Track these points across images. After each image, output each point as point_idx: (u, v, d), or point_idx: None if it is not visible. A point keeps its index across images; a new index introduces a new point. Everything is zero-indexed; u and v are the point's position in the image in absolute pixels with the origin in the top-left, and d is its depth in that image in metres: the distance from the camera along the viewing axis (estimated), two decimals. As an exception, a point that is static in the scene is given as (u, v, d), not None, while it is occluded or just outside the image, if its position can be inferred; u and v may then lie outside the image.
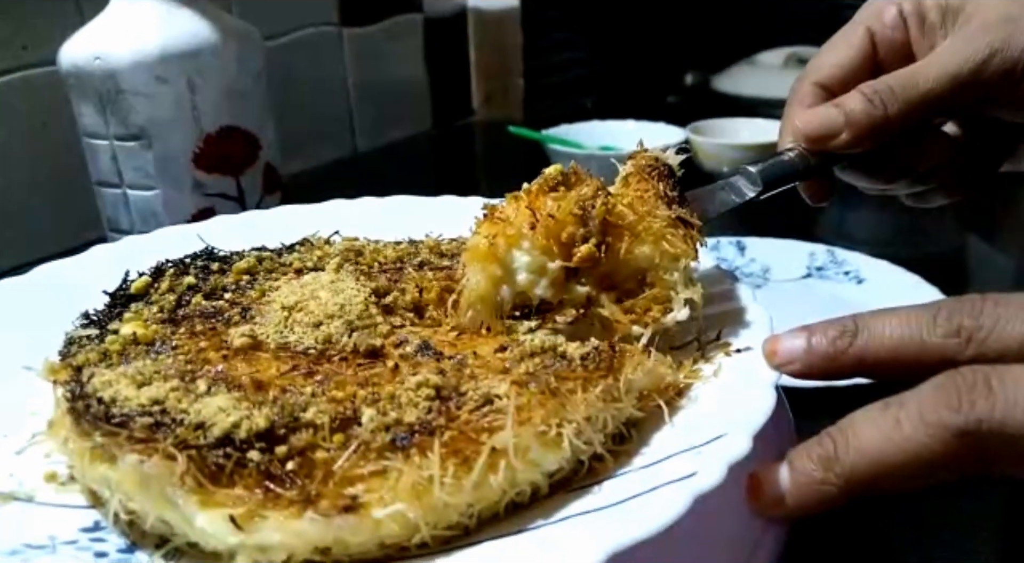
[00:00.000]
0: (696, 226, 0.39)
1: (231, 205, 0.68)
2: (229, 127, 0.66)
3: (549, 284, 0.37)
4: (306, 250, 0.46)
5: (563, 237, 0.36)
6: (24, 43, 0.80)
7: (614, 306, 0.37)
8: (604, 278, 0.38)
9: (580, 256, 0.36)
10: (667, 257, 0.37)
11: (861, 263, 0.76)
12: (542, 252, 0.36)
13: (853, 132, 0.42)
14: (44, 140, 0.81)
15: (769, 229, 0.81)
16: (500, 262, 0.37)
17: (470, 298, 0.37)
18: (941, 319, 0.31)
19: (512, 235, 0.37)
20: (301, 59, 1.11)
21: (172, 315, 0.37)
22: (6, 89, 0.79)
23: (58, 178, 0.81)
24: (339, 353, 0.33)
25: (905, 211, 0.95)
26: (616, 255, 0.37)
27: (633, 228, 0.37)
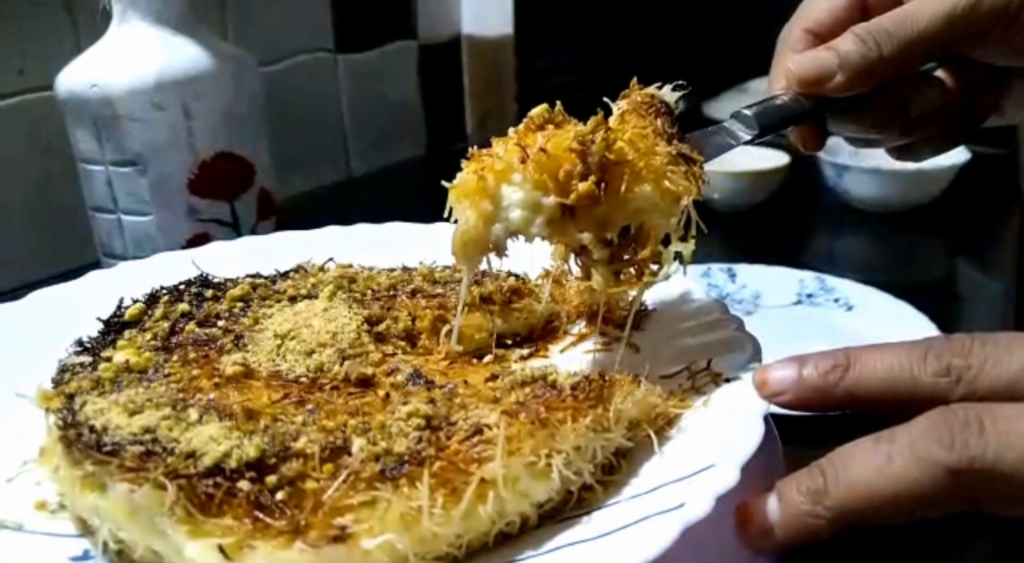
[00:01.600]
0: (698, 162, 0.37)
1: (226, 230, 0.68)
2: (224, 153, 0.66)
3: (545, 223, 0.34)
4: (300, 277, 0.46)
5: (560, 174, 0.34)
6: (21, 68, 0.80)
7: (605, 252, 0.35)
8: (600, 223, 0.35)
9: (579, 193, 0.34)
10: (669, 197, 0.35)
11: (850, 291, 0.76)
12: (536, 187, 0.34)
13: (847, 74, 0.42)
14: (40, 165, 0.81)
15: (760, 256, 0.81)
16: (490, 197, 0.35)
17: (463, 238, 0.35)
18: (931, 357, 0.32)
19: (502, 170, 0.35)
20: (296, 85, 1.12)
21: (165, 342, 0.38)
22: (2, 114, 0.79)
23: (53, 203, 0.81)
24: (331, 382, 0.34)
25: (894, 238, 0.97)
26: (615, 195, 0.34)
27: (633, 165, 0.35)
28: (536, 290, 0.46)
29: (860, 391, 0.33)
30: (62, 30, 0.81)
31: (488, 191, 0.35)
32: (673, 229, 0.36)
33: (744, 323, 0.42)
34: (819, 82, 0.43)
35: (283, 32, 1.09)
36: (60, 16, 0.81)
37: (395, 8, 1.27)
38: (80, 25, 0.81)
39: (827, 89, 0.43)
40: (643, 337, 0.43)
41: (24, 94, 0.80)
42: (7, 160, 0.80)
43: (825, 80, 0.43)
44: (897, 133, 0.48)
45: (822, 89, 0.43)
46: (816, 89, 0.43)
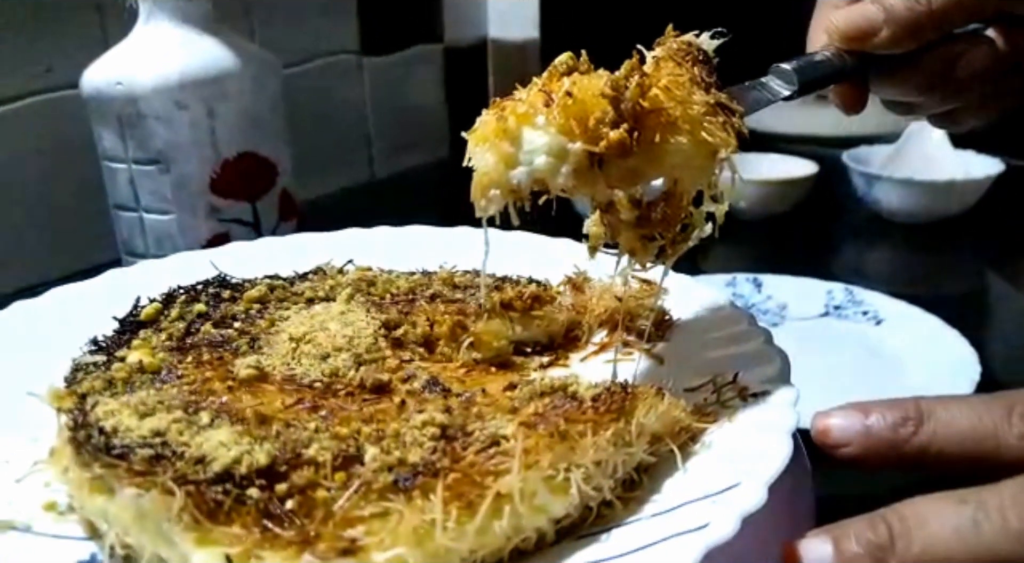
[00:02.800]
0: (738, 112, 0.35)
1: (246, 231, 0.68)
2: (246, 153, 0.66)
3: (571, 172, 0.32)
4: (319, 279, 0.45)
5: (589, 120, 0.31)
6: (49, 66, 0.81)
7: (633, 212, 0.33)
8: (630, 176, 0.33)
9: (610, 141, 0.31)
10: (705, 150, 0.32)
11: (880, 303, 0.75)
12: (561, 132, 0.32)
13: (893, 28, 0.40)
14: (65, 162, 0.81)
15: (786, 266, 0.80)
16: (511, 139, 0.32)
17: (481, 182, 0.33)
18: (1017, 417, 0.29)
19: (524, 113, 0.32)
20: (321, 86, 1.12)
21: (180, 343, 0.37)
22: (29, 111, 0.80)
23: (77, 200, 0.82)
24: (345, 387, 0.33)
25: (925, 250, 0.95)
26: (647, 146, 0.32)
27: (669, 114, 0.32)
28: (557, 297, 0.45)
29: (935, 448, 0.30)
30: (90, 29, 0.81)
31: (509, 133, 0.32)
32: (707, 187, 0.33)
33: (772, 335, 0.40)
34: (863, 37, 0.40)
35: (308, 34, 1.09)
36: (89, 15, 0.82)
37: (421, 11, 1.27)
38: (108, 24, 0.82)
39: (871, 45, 0.40)
40: (667, 348, 0.42)
41: (51, 92, 0.81)
42: (34, 157, 0.80)
43: (870, 35, 0.40)
44: (942, 97, 0.45)
45: (866, 45, 0.41)
46: (860, 44, 0.41)
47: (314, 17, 1.10)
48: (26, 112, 0.80)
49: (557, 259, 0.51)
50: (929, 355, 0.66)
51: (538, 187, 0.33)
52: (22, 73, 0.79)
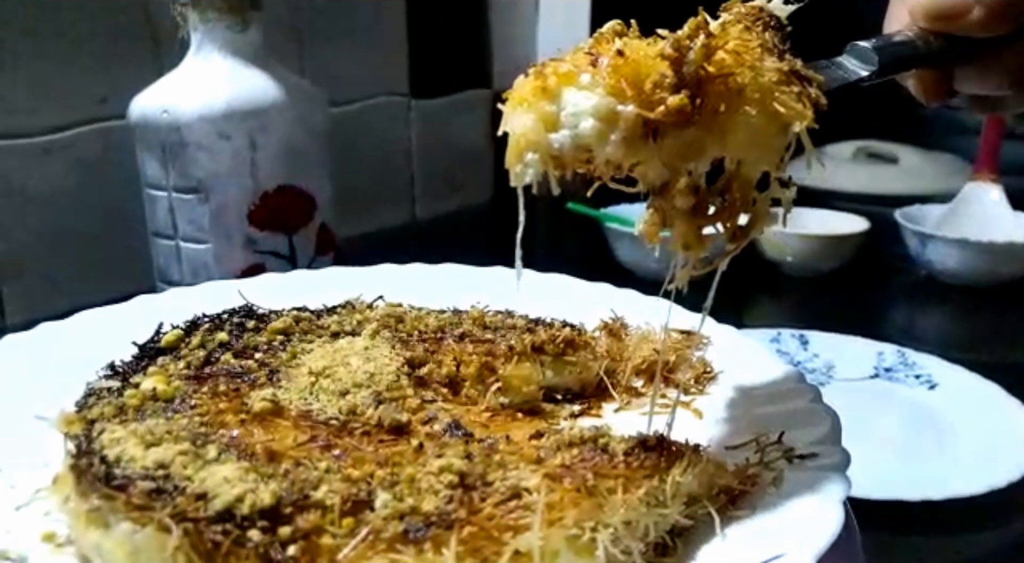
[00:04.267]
0: (816, 81, 0.30)
1: (282, 263, 0.68)
2: (286, 185, 0.66)
3: (621, 140, 0.28)
4: (347, 313, 0.44)
5: (645, 83, 0.27)
6: (104, 96, 0.83)
7: (689, 199, 0.28)
8: (689, 150, 0.29)
9: (669, 107, 0.27)
10: (777, 122, 0.28)
11: (934, 367, 0.71)
12: (611, 94, 0.28)
13: (986, 8, 0.36)
14: (114, 190, 0.82)
15: (833, 324, 0.77)
16: (552, 97, 0.28)
17: (517, 145, 0.29)
18: None
19: (568, 72, 0.28)
20: (369, 126, 1.13)
21: (198, 372, 0.36)
22: (82, 139, 0.81)
23: (122, 227, 0.83)
24: (362, 426, 0.31)
25: (981, 313, 0.90)
26: (710, 116, 0.28)
27: (736, 81, 0.28)
28: (592, 343, 0.43)
29: None
30: (146, 60, 0.83)
31: (550, 93, 0.28)
32: (776, 167, 0.29)
33: (821, 394, 0.38)
34: (952, 16, 0.36)
35: (359, 74, 1.10)
36: (145, 46, 0.84)
37: (471, 57, 1.28)
38: (164, 56, 0.84)
39: (961, 26, 0.36)
40: (708, 402, 0.40)
41: (104, 121, 0.82)
42: (83, 183, 0.82)
43: (960, 14, 0.36)
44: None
45: (954, 26, 0.37)
46: (947, 25, 0.37)
47: (366, 58, 1.12)
48: (78, 141, 0.81)
49: (594, 304, 0.49)
50: (986, 424, 0.63)
51: (582, 158, 0.29)
52: (78, 103, 0.81)
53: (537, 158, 0.29)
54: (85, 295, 0.77)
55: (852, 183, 1.35)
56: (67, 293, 0.80)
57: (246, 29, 0.64)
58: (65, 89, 0.80)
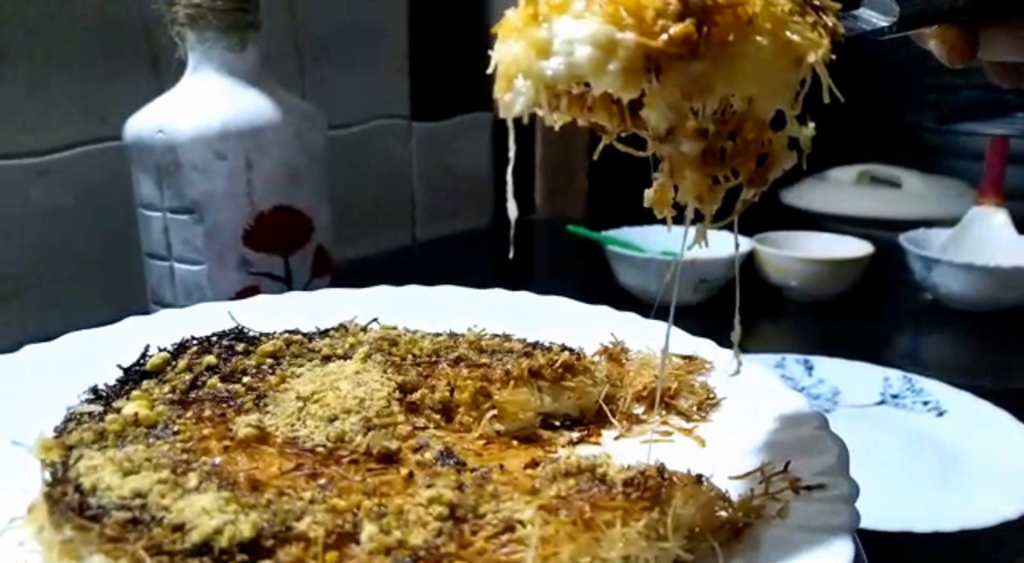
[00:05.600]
0: (832, 9, 0.28)
1: (277, 285, 0.67)
2: (283, 206, 0.65)
3: (621, 71, 0.25)
4: (339, 336, 0.43)
5: (647, 11, 0.25)
6: (103, 116, 0.82)
7: (698, 144, 0.26)
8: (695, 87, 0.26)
9: (672, 36, 0.25)
10: (790, 55, 0.26)
11: (941, 393, 0.69)
12: (610, 21, 0.25)
13: None
14: (111, 210, 0.82)
15: (838, 349, 0.75)
16: (544, 25, 0.26)
17: (508, 71, 0.26)
18: None
19: (560, 2, 0.26)
20: (370, 148, 1.13)
21: (184, 396, 0.35)
22: (80, 159, 0.81)
23: (117, 248, 0.82)
24: (350, 454, 0.30)
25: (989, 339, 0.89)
26: (718, 49, 0.25)
27: (745, 10, 0.26)
28: (592, 368, 0.42)
29: None
30: (146, 81, 0.83)
31: (542, 19, 0.26)
32: (791, 104, 0.27)
33: (828, 421, 0.37)
34: None
35: (360, 96, 1.10)
36: (144, 67, 0.84)
37: (472, 80, 1.28)
38: (164, 76, 0.83)
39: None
40: (711, 429, 0.39)
41: (102, 142, 0.82)
42: (80, 204, 0.81)
43: None
44: None
45: None
46: None
47: (367, 80, 1.12)
48: (75, 161, 0.81)
49: (594, 327, 0.48)
50: (996, 452, 0.61)
51: (576, 90, 0.27)
52: (76, 123, 0.81)
53: (529, 84, 0.26)
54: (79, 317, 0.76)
55: (856, 207, 1.34)
56: (61, 315, 0.79)
57: (244, 49, 0.64)
58: (64, 109, 0.80)
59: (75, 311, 0.80)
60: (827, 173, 1.45)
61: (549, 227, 1.39)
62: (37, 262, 0.79)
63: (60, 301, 0.80)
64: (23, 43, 0.76)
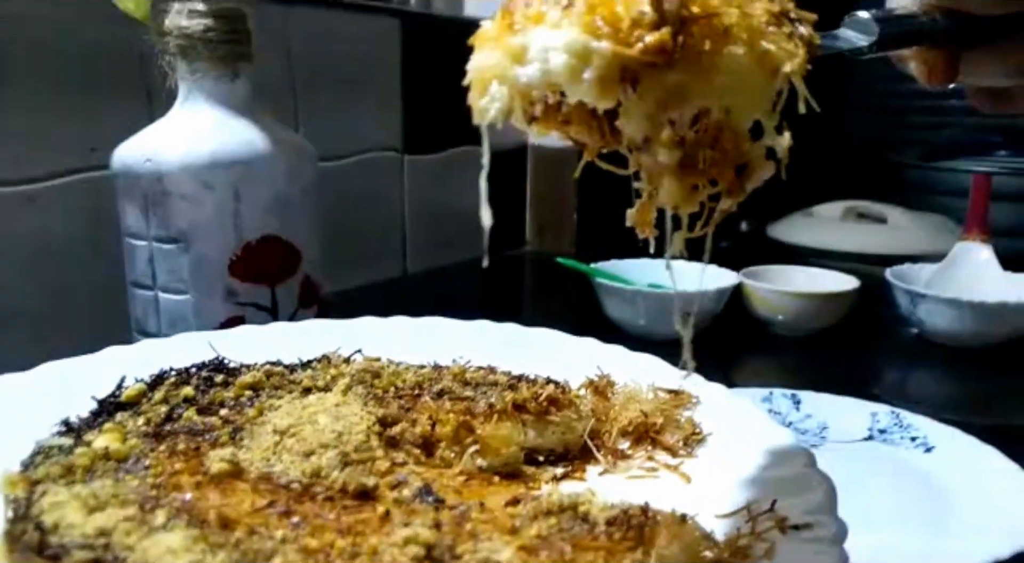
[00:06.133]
0: (809, 20, 0.28)
1: (263, 316, 0.66)
2: (271, 237, 0.65)
3: (596, 79, 0.25)
4: (322, 368, 0.42)
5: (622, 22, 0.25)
6: (93, 145, 0.82)
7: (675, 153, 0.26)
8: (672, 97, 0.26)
9: (648, 44, 0.25)
10: (766, 65, 0.26)
11: (929, 429, 0.69)
12: (586, 30, 0.25)
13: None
14: (100, 240, 0.81)
15: (826, 384, 0.75)
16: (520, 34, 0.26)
17: (483, 77, 0.27)
18: None
19: (536, 14, 0.26)
20: (362, 179, 1.13)
21: (158, 429, 0.34)
22: (69, 189, 0.80)
23: (104, 277, 0.81)
24: (326, 490, 0.29)
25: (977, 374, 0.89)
26: (694, 59, 0.26)
27: (722, 21, 0.26)
28: (577, 401, 0.41)
29: None
30: (138, 111, 0.83)
31: (518, 29, 0.26)
32: (768, 115, 0.27)
33: (815, 458, 0.36)
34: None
35: (354, 128, 1.11)
36: (138, 97, 0.84)
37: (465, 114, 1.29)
38: (156, 106, 0.83)
39: (967, 1, 0.34)
40: (696, 466, 0.38)
41: (92, 171, 0.82)
42: (69, 233, 0.80)
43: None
44: None
45: (958, 1, 0.35)
46: (951, 1, 0.35)
47: (360, 113, 1.12)
48: (64, 190, 0.80)
49: (580, 359, 0.48)
50: (985, 489, 0.60)
51: (552, 98, 0.27)
52: (67, 152, 0.80)
53: (503, 90, 0.26)
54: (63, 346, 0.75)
55: (842, 242, 1.35)
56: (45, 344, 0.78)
57: (235, 80, 0.64)
58: (55, 138, 0.80)
59: (60, 340, 0.79)
60: (814, 209, 1.46)
61: (539, 260, 1.39)
62: (22, 290, 0.78)
63: (44, 330, 0.79)
64: (16, 71, 0.76)
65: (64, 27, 0.78)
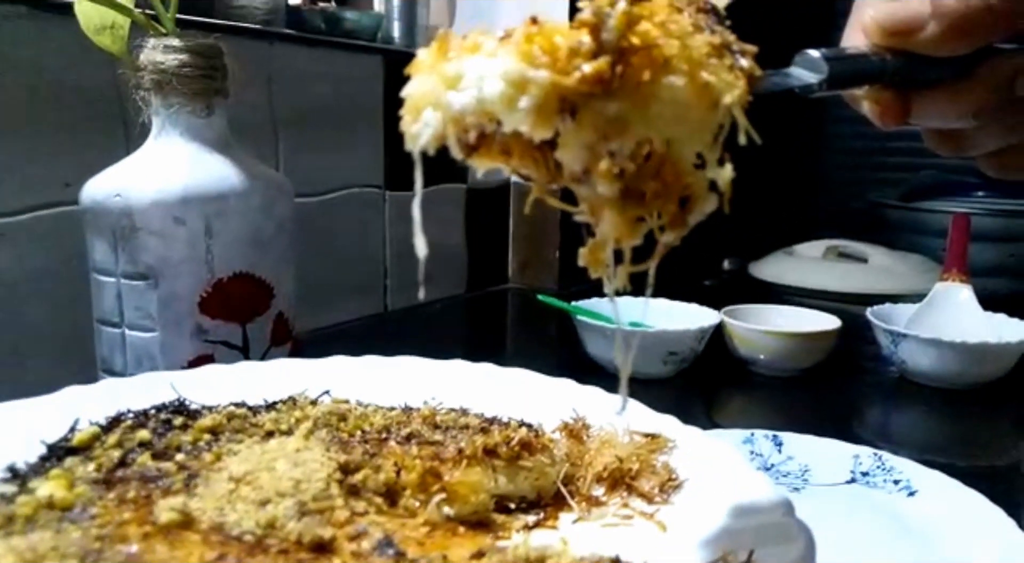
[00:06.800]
0: (750, 53, 0.27)
1: (234, 354, 0.64)
2: (243, 273, 0.64)
3: (532, 108, 0.24)
4: (287, 410, 0.41)
5: (560, 50, 0.24)
6: (68, 180, 0.81)
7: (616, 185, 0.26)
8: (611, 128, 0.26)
9: (586, 74, 0.24)
10: (706, 97, 0.26)
11: (912, 472, 0.68)
12: (523, 59, 0.25)
13: (942, 24, 0.34)
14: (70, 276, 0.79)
15: (807, 425, 0.74)
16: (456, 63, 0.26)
17: (416, 104, 0.26)
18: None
19: (473, 43, 0.26)
20: (342, 216, 1.13)
21: (109, 475, 0.32)
22: (40, 223, 0.79)
23: (71, 314, 0.79)
24: (280, 542, 0.28)
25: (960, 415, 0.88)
26: (633, 90, 0.25)
27: (662, 52, 0.25)
28: (551, 445, 0.40)
29: None
30: (115, 147, 0.82)
31: (454, 58, 0.26)
32: (708, 146, 0.26)
33: (794, 507, 0.35)
34: (905, 32, 0.35)
35: (335, 165, 1.11)
36: (115, 132, 0.83)
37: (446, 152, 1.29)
38: (132, 141, 0.82)
39: (916, 42, 0.35)
40: (672, 513, 0.37)
41: (65, 206, 0.80)
42: (40, 269, 0.79)
43: (913, 30, 0.34)
44: (1000, 128, 0.38)
45: (909, 41, 0.35)
46: (901, 41, 0.35)
47: (342, 149, 1.12)
48: (35, 224, 0.79)
49: (556, 401, 0.47)
50: (970, 534, 0.59)
51: (488, 126, 0.26)
52: (40, 186, 0.79)
53: (437, 115, 0.26)
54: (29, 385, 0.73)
55: (823, 281, 1.35)
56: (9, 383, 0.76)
57: (210, 115, 0.63)
58: (29, 172, 0.78)
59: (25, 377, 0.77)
60: (794, 248, 1.46)
61: (521, 297, 1.38)
62: (-13, 326, 0.76)
63: (8, 368, 0.77)
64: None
65: (42, 62, 0.78)
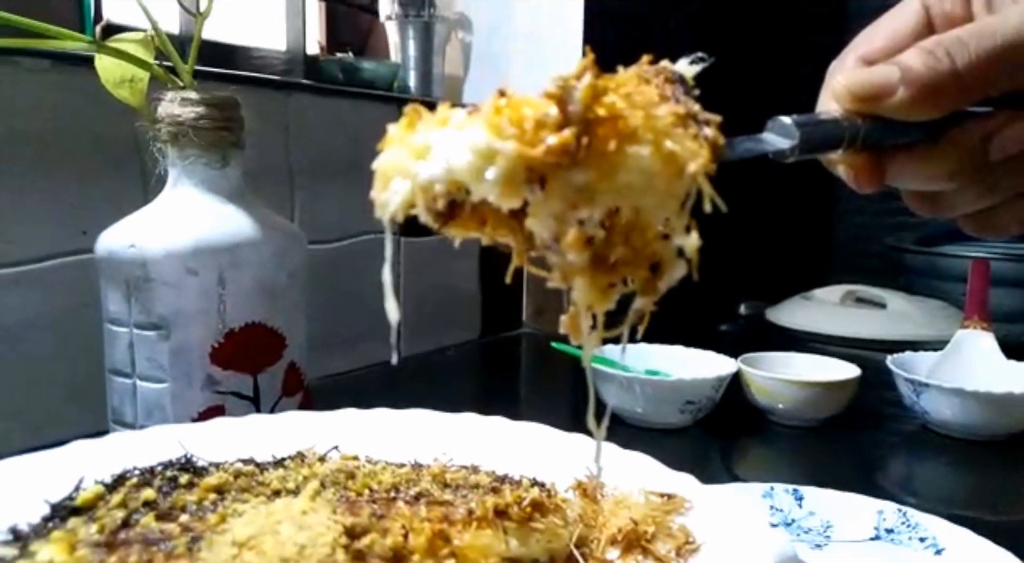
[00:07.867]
0: (715, 122, 0.28)
1: (244, 405, 0.64)
2: (255, 324, 0.64)
3: (500, 178, 0.25)
4: (294, 466, 0.40)
5: (528, 123, 0.25)
6: (85, 228, 0.82)
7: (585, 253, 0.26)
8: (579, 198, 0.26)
9: (552, 146, 0.25)
10: (672, 165, 0.26)
11: (938, 529, 0.66)
12: (491, 131, 0.26)
13: (911, 90, 0.34)
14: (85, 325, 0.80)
15: (829, 478, 0.72)
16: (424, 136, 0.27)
17: (386, 173, 0.27)
18: None
19: (442, 117, 0.27)
20: (356, 263, 1.13)
21: (112, 537, 0.32)
22: (56, 271, 0.80)
23: (85, 364, 0.79)
24: (282, 614, 0.27)
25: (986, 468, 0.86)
26: (599, 159, 0.26)
27: (627, 123, 0.26)
28: (564, 506, 0.39)
29: None
30: (133, 196, 0.83)
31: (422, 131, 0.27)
32: (676, 214, 0.27)
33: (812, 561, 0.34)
34: (875, 97, 0.35)
35: (349, 212, 1.11)
36: (133, 183, 0.84)
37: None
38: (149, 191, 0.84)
39: (886, 107, 0.35)
40: (688, 578, 0.36)
41: (81, 254, 0.81)
42: (56, 319, 0.79)
43: (883, 95, 0.35)
44: (972, 186, 0.38)
45: (878, 107, 0.35)
46: (871, 106, 0.36)
47: (355, 197, 1.13)
48: (52, 273, 0.79)
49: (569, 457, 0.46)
50: (1003, 596, 0.57)
51: (458, 195, 0.27)
52: (58, 235, 0.80)
53: (406, 184, 0.27)
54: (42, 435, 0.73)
55: (841, 327, 1.34)
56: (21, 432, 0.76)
57: (225, 166, 0.64)
58: (47, 221, 0.79)
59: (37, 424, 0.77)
60: (812, 293, 1.45)
61: (535, 342, 1.37)
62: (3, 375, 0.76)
63: (20, 416, 0.77)
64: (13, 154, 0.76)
65: (63, 113, 0.79)
